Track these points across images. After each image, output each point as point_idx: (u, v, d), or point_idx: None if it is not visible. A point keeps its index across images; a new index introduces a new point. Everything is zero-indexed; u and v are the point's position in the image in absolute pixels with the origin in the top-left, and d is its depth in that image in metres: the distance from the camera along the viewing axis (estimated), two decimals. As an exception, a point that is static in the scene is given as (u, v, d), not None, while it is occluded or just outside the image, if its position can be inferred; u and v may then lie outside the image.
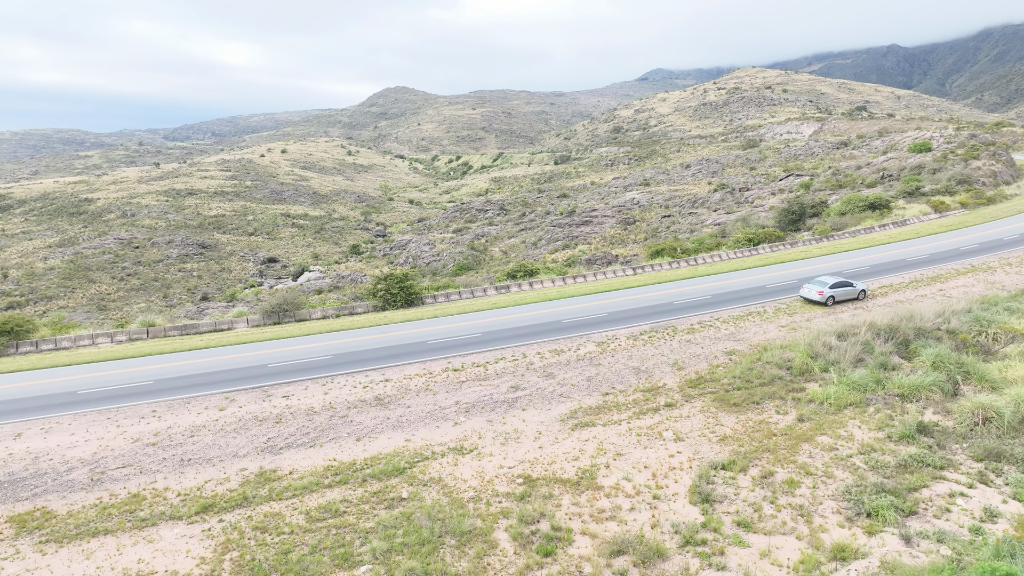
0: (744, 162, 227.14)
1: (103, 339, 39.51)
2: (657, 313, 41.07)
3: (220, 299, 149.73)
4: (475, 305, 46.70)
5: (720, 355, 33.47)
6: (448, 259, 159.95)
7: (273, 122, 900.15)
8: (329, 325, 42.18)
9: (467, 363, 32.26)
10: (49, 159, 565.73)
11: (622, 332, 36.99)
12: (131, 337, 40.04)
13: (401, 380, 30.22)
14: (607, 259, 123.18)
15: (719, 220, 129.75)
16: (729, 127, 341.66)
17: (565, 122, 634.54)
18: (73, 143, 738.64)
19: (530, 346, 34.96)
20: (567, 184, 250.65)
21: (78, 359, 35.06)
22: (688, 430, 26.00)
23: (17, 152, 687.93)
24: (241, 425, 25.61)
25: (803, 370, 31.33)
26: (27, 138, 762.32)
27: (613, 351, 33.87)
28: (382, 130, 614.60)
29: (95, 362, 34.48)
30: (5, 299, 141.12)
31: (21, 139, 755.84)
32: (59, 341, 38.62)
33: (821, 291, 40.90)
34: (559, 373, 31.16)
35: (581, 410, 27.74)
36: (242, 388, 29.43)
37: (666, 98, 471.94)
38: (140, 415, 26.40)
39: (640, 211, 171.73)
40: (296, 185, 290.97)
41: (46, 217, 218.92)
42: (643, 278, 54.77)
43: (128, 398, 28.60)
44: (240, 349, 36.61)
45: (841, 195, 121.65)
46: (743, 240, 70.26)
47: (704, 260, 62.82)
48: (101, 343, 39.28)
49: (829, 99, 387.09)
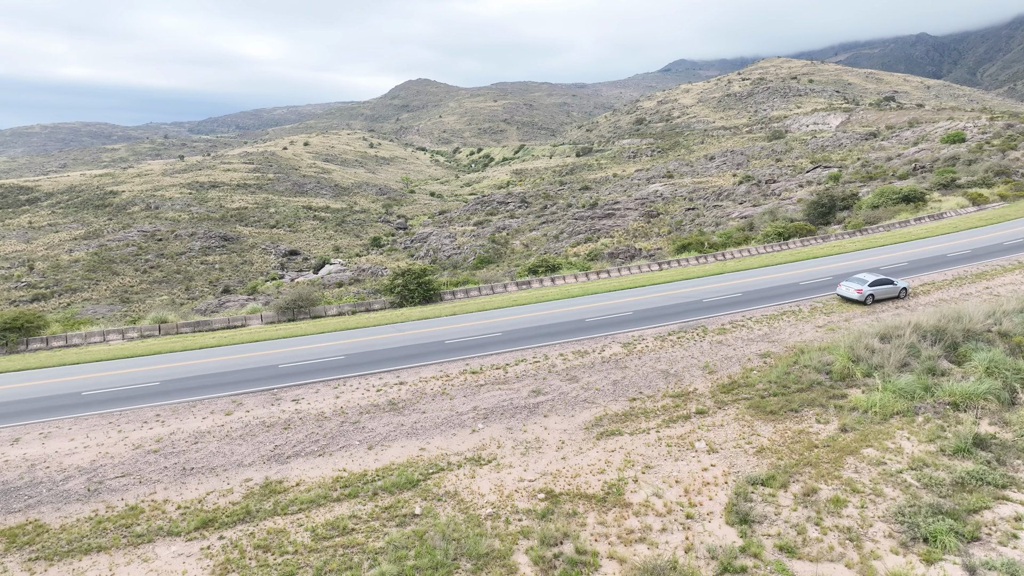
0: (770, 154, 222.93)
1: (114, 336, 38.62)
2: (686, 312, 39.16)
3: (241, 292, 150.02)
4: (495, 302, 45.14)
5: (754, 358, 31.56)
6: (469, 252, 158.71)
7: (296, 115, 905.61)
8: (344, 322, 40.89)
9: (486, 365, 30.70)
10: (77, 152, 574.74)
11: (649, 332, 35.18)
12: (143, 334, 39.12)
13: (416, 383, 28.76)
14: (630, 253, 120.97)
15: (745, 213, 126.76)
16: (754, 118, 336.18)
17: (587, 114, 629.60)
18: (101, 136, 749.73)
19: (552, 347, 33.30)
20: (589, 176, 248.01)
21: (87, 357, 34.13)
22: (722, 440, 24.24)
23: (47, 145, 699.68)
24: (248, 431, 24.33)
25: (844, 375, 29.33)
26: (56, 132, 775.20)
27: (640, 353, 32.11)
28: (404, 122, 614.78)
29: (103, 360, 33.51)
30: (30, 291, 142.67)
31: (51, 133, 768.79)
32: (70, 338, 37.78)
33: (860, 289, 38.69)
34: (583, 376, 29.50)
35: (607, 417, 26.09)
36: (250, 391, 28.17)
37: (689, 89, 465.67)
38: (143, 419, 25.23)
39: (663, 204, 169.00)
40: (318, 178, 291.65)
41: (72, 210, 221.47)
42: (669, 274, 52.81)
43: (133, 400, 27.49)
44: (252, 348, 35.43)
45: (872, 187, 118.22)
46: (772, 234, 67.80)
47: (732, 255, 60.60)
48: (112, 340, 38.39)
49: (856, 89, 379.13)
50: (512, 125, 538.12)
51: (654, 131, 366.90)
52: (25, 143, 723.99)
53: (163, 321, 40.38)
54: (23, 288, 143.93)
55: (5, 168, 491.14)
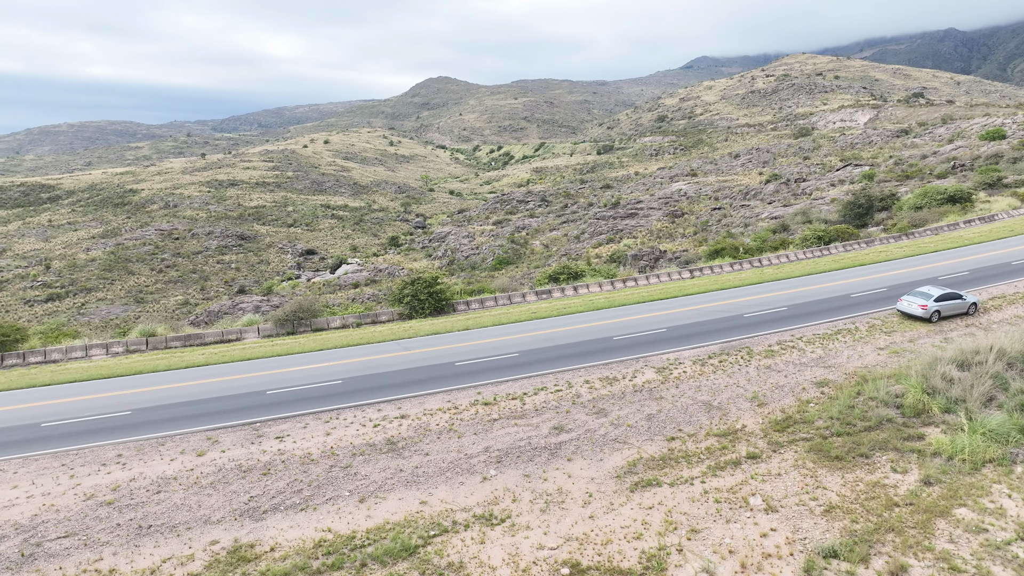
0: (797, 151, 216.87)
1: (98, 351, 35.44)
2: (725, 329, 34.97)
3: (257, 292, 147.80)
4: (512, 314, 41.27)
5: (809, 387, 27.40)
6: (487, 252, 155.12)
7: (318, 113, 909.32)
8: (347, 337, 37.29)
9: (500, 394, 26.85)
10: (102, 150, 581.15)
11: (686, 354, 31.09)
12: (128, 348, 35.91)
13: (420, 416, 24.99)
14: (654, 254, 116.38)
15: (775, 213, 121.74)
16: (779, 115, 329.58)
17: (608, 111, 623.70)
18: (126, 135, 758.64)
19: (576, 372, 29.34)
20: (610, 174, 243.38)
21: (60, 377, 30.89)
22: (781, 495, 20.20)
23: (73, 144, 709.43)
24: (220, 478, 20.76)
25: (918, 410, 25.09)
26: (82, 130, 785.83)
27: (677, 380, 28.07)
28: (424, 120, 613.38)
29: (77, 381, 30.23)
30: (46, 291, 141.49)
31: (77, 131, 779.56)
32: (49, 353, 34.66)
33: (924, 305, 34.25)
34: (612, 409, 25.55)
35: (641, 462, 22.15)
36: (230, 425, 24.57)
37: (712, 86, 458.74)
38: (102, 461, 21.77)
39: (688, 203, 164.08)
40: (337, 176, 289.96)
41: (92, 208, 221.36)
42: (702, 282, 48.57)
43: (96, 435, 24.06)
44: (241, 368, 31.95)
45: (910, 186, 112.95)
46: (811, 238, 63.17)
47: (770, 261, 56.15)
48: (95, 355, 35.20)
49: (884, 85, 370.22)
50: (532, 123, 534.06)
51: (676, 128, 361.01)
52: (52, 141, 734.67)
53: (151, 335, 37.17)
54: (38, 287, 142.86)
55: (32, 166, 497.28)
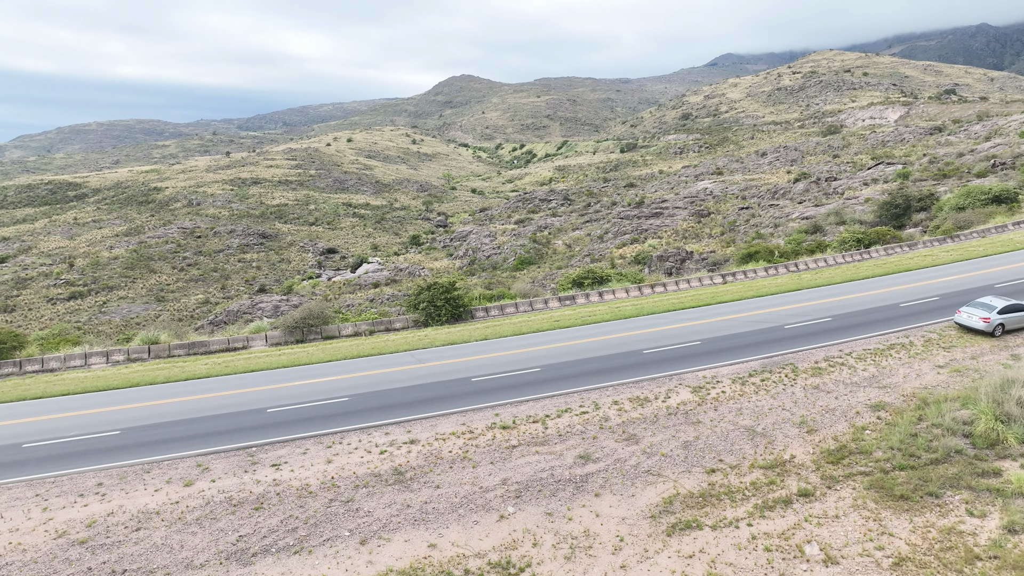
0: (826, 149, 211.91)
1: (97, 359, 33.70)
2: (765, 342, 32.16)
3: (277, 291, 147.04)
4: (534, 323, 38.80)
5: (864, 410, 24.62)
6: (509, 252, 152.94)
7: (342, 111, 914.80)
8: (358, 346, 35.13)
9: (520, 416, 24.43)
10: (130, 148, 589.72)
11: (724, 371, 28.40)
12: (130, 357, 34.14)
13: (431, 441, 22.67)
14: (681, 255, 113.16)
15: (807, 213, 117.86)
16: (806, 112, 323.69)
17: (631, 109, 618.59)
18: (153, 133, 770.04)
19: (603, 390, 26.82)
20: (634, 173, 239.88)
21: (54, 388, 29.11)
22: (841, 542, 17.55)
23: (102, 142, 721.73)
24: (208, 513, 18.65)
25: (991, 440, 22.20)
26: (112, 129, 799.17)
27: (715, 401, 25.43)
28: (447, 119, 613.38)
29: (70, 394, 28.43)
30: (68, 288, 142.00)
31: (106, 130, 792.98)
32: (47, 361, 32.98)
33: (987, 317, 31.15)
34: (644, 435, 23.02)
35: (678, 498, 19.62)
36: (223, 449, 22.45)
37: (737, 83, 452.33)
38: (80, 491, 19.78)
39: (714, 202, 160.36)
40: (359, 174, 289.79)
41: (117, 206, 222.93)
42: (736, 289, 45.68)
43: (78, 459, 22.10)
44: (244, 381, 29.91)
45: (948, 186, 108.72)
46: (850, 241, 59.82)
47: (807, 265, 53.00)
48: (95, 364, 33.46)
49: (914, 82, 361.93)
50: (555, 121, 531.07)
51: (701, 126, 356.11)
52: (82, 140, 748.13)
53: (154, 342, 35.39)
54: (62, 286, 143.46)
55: (62, 164, 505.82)
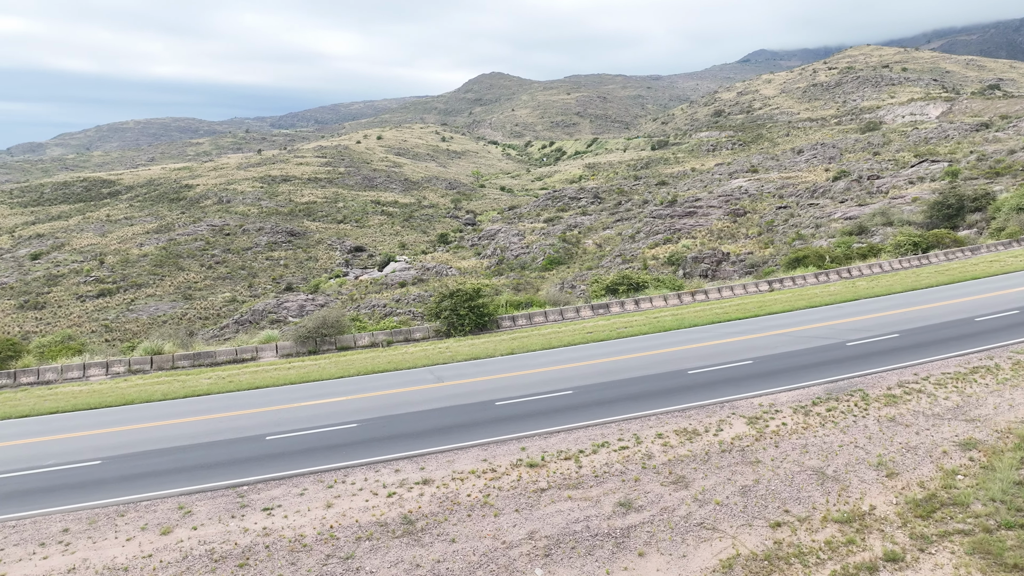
0: (865, 147, 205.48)
1: (96, 370, 31.49)
2: (826, 363, 28.51)
3: (304, 290, 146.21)
4: (564, 335, 35.63)
5: (952, 450, 20.97)
6: (538, 251, 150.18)
7: (372, 109, 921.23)
8: (374, 359, 32.35)
9: (550, 452, 21.30)
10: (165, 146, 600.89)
11: (783, 398, 24.92)
12: (131, 368, 31.88)
13: (447, 482, 19.67)
14: (716, 257, 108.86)
15: (850, 213, 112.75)
16: (842, 109, 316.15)
17: (662, 106, 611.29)
18: (188, 131, 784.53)
19: (645, 420, 23.55)
20: (665, 171, 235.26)
21: (43, 406, 26.85)
22: (946, 631, 14.17)
23: (139, 140, 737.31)
24: (184, 569, 15.89)
25: (1115, 494, 18.55)
26: (148, 127, 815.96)
27: (775, 436, 22.01)
28: (476, 116, 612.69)
29: (58, 412, 26.09)
30: (98, 286, 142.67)
31: (143, 128, 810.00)
32: (43, 372, 30.86)
33: (1086, 338, 27.29)
34: (694, 477, 19.74)
35: (739, 561, 16.30)
36: (210, 488, 19.67)
37: (771, 79, 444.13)
38: (42, 538, 17.19)
39: (750, 201, 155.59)
40: (388, 171, 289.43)
41: (148, 203, 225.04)
42: (785, 297, 41.95)
43: (48, 496, 19.55)
44: (246, 400, 27.32)
45: (1003, 184, 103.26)
46: (906, 244, 55.45)
47: (860, 271, 48.92)
48: (94, 376, 31.26)
49: (956, 77, 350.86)
50: (585, 118, 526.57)
51: (734, 123, 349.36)
52: (120, 138, 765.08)
53: (157, 352, 33.13)
54: (91, 283, 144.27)
55: (99, 162, 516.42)
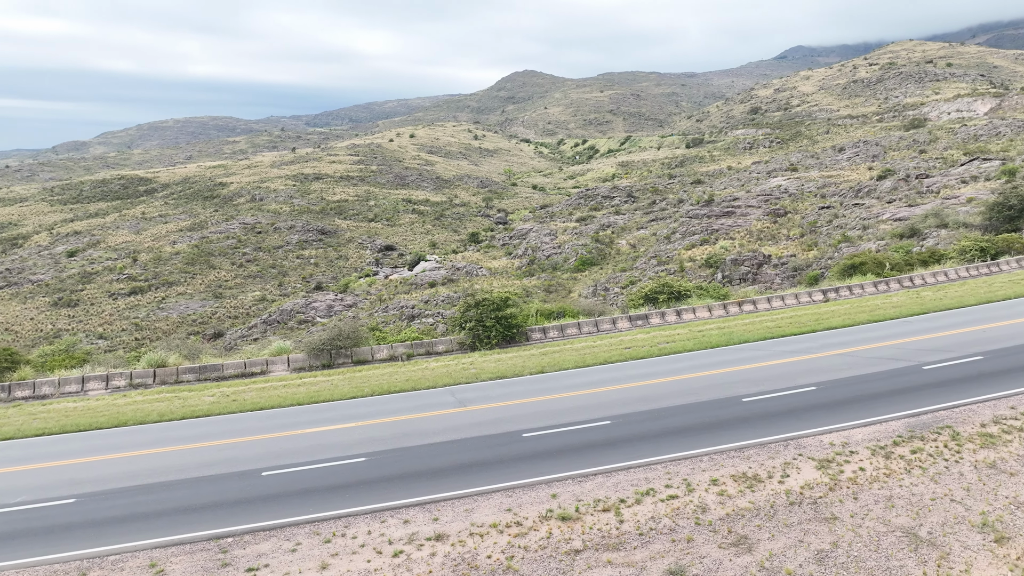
0: (911, 144, 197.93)
1: (95, 384, 29.39)
2: (901, 391, 24.75)
3: (333, 289, 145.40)
4: (600, 351, 32.37)
5: (1071, 509, 17.39)
6: (570, 252, 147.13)
7: (406, 108, 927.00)
8: (391, 377, 29.57)
9: (585, 499, 18.17)
10: (202, 145, 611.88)
11: (857, 435, 21.35)
12: (131, 382, 29.73)
13: (464, 538, 16.69)
14: (757, 259, 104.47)
15: (899, 214, 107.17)
16: (884, 106, 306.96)
17: (697, 104, 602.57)
18: (225, 129, 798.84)
19: (696, 461, 20.21)
20: (701, 169, 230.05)
21: (29, 427, 24.67)
22: None
23: (178, 139, 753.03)
24: (145, 651, 13.28)
25: None
26: (187, 126, 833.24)
27: (853, 484, 18.56)
28: (509, 114, 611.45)
29: (44, 435, 23.85)
30: (130, 284, 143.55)
31: (182, 127, 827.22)
32: (39, 385, 28.85)
33: None
34: (759, 538, 16.44)
35: (820, 657, 13.10)
36: (189, 539, 16.94)
37: (809, 76, 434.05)
38: (-12, 603, 14.80)
39: (790, 201, 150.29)
40: (420, 170, 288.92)
41: (183, 201, 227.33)
42: (842, 309, 38.06)
43: (9, 546, 17.10)
44: (247, 424, 24.79)
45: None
46: (972, 250, 50.96)
47: (923, 280, 44.70)
48: (92, 390, 29.16)
49: (1004, 72, 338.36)
50: (618, 116, 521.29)
51: (771, 121, 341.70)
52: (160, 136, 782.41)
53: (161, 365, 30.94)
54: (124, 280, 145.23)
55: (139, 159, 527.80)
